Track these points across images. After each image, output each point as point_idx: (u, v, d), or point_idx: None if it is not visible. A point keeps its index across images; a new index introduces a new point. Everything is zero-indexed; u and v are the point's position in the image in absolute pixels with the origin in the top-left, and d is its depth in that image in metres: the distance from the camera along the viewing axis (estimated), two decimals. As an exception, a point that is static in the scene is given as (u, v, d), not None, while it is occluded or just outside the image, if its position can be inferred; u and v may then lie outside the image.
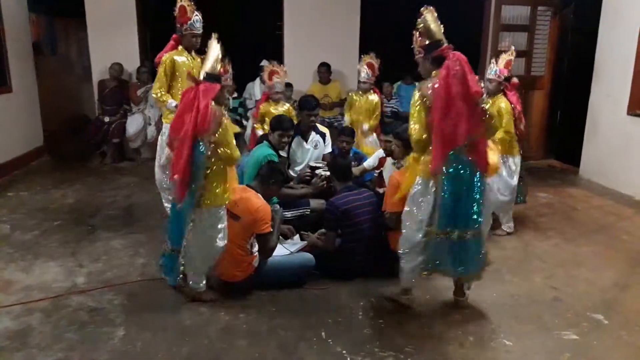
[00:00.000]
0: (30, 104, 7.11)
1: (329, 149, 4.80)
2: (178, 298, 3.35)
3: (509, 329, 3.09)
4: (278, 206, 3.73)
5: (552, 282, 3.71)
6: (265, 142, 4.23)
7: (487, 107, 3.16)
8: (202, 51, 3.60)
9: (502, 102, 4.25)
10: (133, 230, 4.55)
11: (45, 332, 2.98)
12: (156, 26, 7.85)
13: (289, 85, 6.91)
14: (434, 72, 2.98)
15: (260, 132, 5.02)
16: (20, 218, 4.86)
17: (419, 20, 3.05)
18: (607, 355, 2.89)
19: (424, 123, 2.99)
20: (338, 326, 3.08)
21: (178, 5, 4.16)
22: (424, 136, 3.00)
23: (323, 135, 4.80)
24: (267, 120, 4.84)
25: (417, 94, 3.03)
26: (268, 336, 2.98)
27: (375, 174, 4.74)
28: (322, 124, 5.41)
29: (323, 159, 4.69)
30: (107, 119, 7.01)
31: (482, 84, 3.89)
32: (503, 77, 4.24)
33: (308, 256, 3.63)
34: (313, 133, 4.71)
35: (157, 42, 8.07)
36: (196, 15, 4.24)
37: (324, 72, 7.24)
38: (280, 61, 7.59)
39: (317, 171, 4.34)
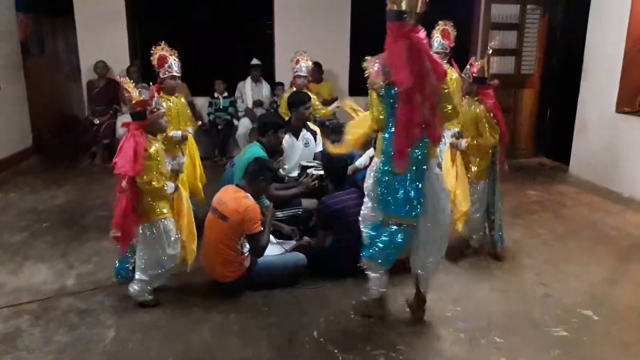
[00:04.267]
0: (19, 103, 7.04)
1: (320, 148, 4.80)
2: (169, 298, 3.34)
3: (499, 326, 3.11)
4: (268, 202, 3.72)
5: (542, 279, 3.74)
6: (256, 142, 4.21)
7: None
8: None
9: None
10: (123, 230, 4.51)
11: (34, 334, 2.96)
12: (146, 25, 7.82)
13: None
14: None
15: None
16: (8, 219, 4.82)
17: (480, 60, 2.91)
18: (596, 351, 2.91)
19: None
20: (330, 325, 3.09)
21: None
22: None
23: (314, 134, 4.79)
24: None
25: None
26: (260, 336, 2.98)
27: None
28: (313, 122, 5.41)
29: (314, 158, 4.69)
30: (96, 121, 6.96)
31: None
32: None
33: (300, 256, 3.63)
34: (304, 130, 4.71)
35: (147, 41, 8.06)
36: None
37: (315, 71, 7.22)
38: (271, 61, 7.62)
39: (309, 170, 4.34)
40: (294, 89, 5.29)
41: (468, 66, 3.93)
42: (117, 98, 7.10)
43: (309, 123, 4.82)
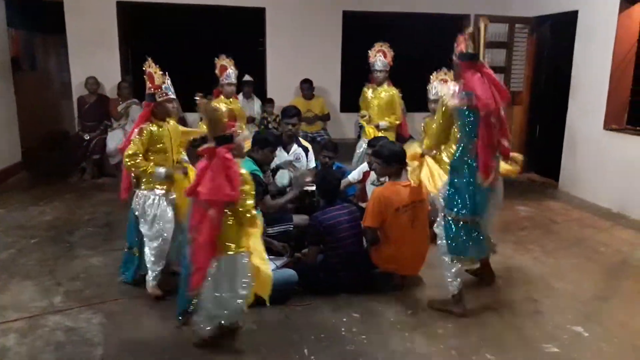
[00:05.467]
0: (8, 119, 7.00)
1: (312, 164, 4.80)
2: (158, 316, 3.30)
3: (490, 342, 3.10)
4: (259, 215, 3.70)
5: (533, 295, 3.75)
6: (248, 158, 4.20)
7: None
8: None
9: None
10: (113, 247, 4.46)
11: (20, 352, 2.90)
12: (137, 41, 7.85)
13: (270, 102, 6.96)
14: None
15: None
16: (-4, 236, 4.76)
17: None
18: (587, 367, 2.91)
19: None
20: (321, 342, 3.06)
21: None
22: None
23: (306, 150, 4.80)
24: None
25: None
26: (250, 353, 2.94)
27: (358, 187, 4.76)
28: (304, 138, 5.42)
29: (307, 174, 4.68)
30: (87, 137, 6.94)
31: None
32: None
33: (291, 272, 3.61)
34: (295, 145, 4.71)
35: (139, 57, 8.08)
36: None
37: (307, 88, 7.28)
38: (263, 77, 7.66)
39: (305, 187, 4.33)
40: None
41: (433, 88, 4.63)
42: (108, 114, 7.09)
43: (300, 139, 4.83)
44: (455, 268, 3.36)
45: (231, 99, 5.31)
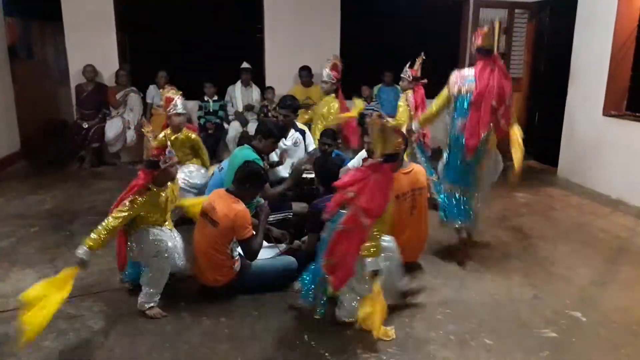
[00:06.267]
0: (6, 108, 6.98)
1: (312, 146, 4.80)
2: (159, 304, 3.31)
3: (489, 328, 3.12)
4: (263, 200, 3.71)
5: (531, 281, 3.77)
6: (246, 145, 4.19)
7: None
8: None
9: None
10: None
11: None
12: (135, 29, 7.80)
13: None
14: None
15: None
16: (-4, 225, 4.76)
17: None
18: (585, 352, 2.94)
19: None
20: (321, 328, 3.08)
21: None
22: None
23: (303, 133, 4.79)
24: None
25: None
26: (250, 340, 2.96)
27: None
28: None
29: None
30: (85, 125, 6.92)
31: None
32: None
33: (290, 259, 3.62)
34: (292, 130, 4.71)
35: (136, 44, 8.04)
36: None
37: (305, 75, 7.25)
38: (261, 64, 7.63)
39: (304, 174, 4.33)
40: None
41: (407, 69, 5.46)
42: (106, 102, 7.07)
43: (296, 122, 4.83)
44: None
45: (184, 130, 4.80)
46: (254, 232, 3.36)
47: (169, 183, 3.33)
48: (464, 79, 3.92)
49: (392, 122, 3.07)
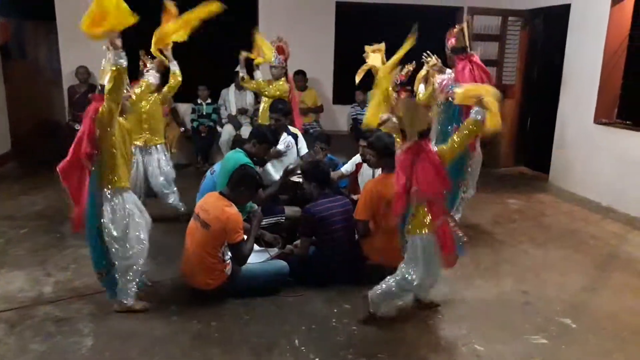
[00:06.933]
0: (-2, 108, 6.93)
1: (305, 150, 4.79)
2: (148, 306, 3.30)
3: (480, 334, 3.13)
4: (256, 206, 3.69)
5: (522, 287, 3.78)
6: (238, 149, 4.18)
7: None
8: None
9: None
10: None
11: (9, 343, 2.89)
12: (128, 30, 7.76)
13: None
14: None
15: None
16: (-15, 226, 4.72)
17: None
18: (575, 359, 2.94)
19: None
20: (312, 333, 3.08)
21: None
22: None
23: (295, 137, 4.79)
24: None
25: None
26: (241, 344, 2.95)
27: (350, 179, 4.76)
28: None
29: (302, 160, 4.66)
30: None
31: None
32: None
33: (282, 263, 3.62)
34: (284, 134, 4.70)
35: (129, 45, 7.99)
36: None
37: (300, 79, 7.24)
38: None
39: (292, 177, 4.32)
40: None
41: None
42: (99, 103, 7.02)
43: (289, 127, 4.83)
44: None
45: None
46: (245, 237, 3.35)
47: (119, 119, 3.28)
48: (447, 86, 4.29)
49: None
